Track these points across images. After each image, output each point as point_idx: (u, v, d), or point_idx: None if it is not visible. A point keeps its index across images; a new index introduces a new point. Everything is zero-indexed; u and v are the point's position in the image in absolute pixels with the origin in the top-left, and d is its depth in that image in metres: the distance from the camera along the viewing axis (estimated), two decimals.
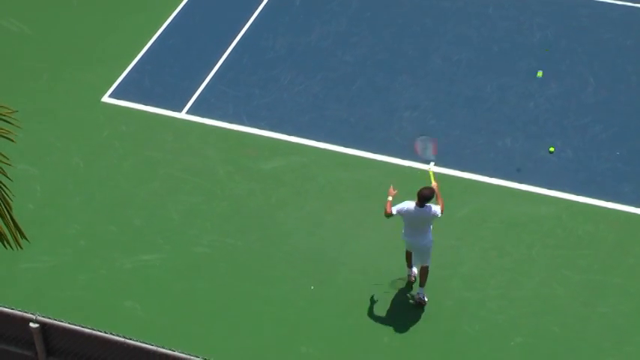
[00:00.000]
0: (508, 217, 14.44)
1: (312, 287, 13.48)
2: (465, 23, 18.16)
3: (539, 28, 17.99)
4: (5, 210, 9.87)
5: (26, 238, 10.04)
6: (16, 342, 9.91)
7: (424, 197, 12.24)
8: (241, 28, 18.15)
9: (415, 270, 13.30)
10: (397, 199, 12.57)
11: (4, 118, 9.94)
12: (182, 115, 16.35)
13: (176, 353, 9.24)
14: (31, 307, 10.91)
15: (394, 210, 12.45)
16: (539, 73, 15.01)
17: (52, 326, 9.57)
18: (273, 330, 12.95)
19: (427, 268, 12.94)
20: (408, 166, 15.26)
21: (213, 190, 14.94)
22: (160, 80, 17.07)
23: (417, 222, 12.48)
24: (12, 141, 10.12)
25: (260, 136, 15.90)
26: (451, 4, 18.62)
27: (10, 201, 9.97)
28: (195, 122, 16.19)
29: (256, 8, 18.60)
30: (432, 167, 12.93)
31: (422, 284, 13.09)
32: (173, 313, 13.17)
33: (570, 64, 17.16)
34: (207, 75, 17.09)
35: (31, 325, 9.54)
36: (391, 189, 12.59)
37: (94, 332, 9.41)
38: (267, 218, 14.46)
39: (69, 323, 9.54)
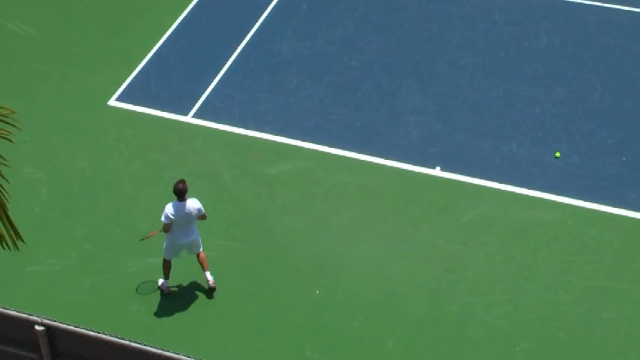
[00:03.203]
0: (513, 222, 14.43)
1: (317, 291, 13.48)
2: (472, 28, 18.16)
3: (545, 33, 17.99)
4: (2, 211, 9.85)
5: (22, 240, 10.03)
6: (21, 344, 9.91)
7: (180, 191, 12.58)
8: (248, 32, 18.17)
9: (166, 282, 13.36)
10: (401, 204, 12.55)
11: (3, 119, 9.90)
12: (188, 118, 16.37)
13: (181, 357, 9.24)
14: (37, 309, 10.93)
15: (165, 220, 12.64)
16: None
17: (57, 329, 9.57)
18: (278, 334, 12.95)
19: (202, 252, 13.22)
20: (414, 171, 15.27)
21: (218, 194, 14.95)
22: (166, 84, 17.11)
23: (186, 219, 12.68)
24: (11, 141, 10.09)
25: (266, 140, 15.92)
26: (457, 9, 18.62)
27: (6, 202, 9.95)
28: (201, 126, 16.21)
29: (263, 12, 18.63)
30: None
31: (206, 268, 13.30)
32: (178, 317, 13.18)
33: (576, 70, 17.15)
34: (214, 79, 17.12)
35: (37, 327, 9.54)
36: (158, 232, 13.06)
37: (99, 335, 9.41)
38: (273, 222, 14.47)
39: (74, 326, 9.54)
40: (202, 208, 12.83)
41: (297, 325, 13.07)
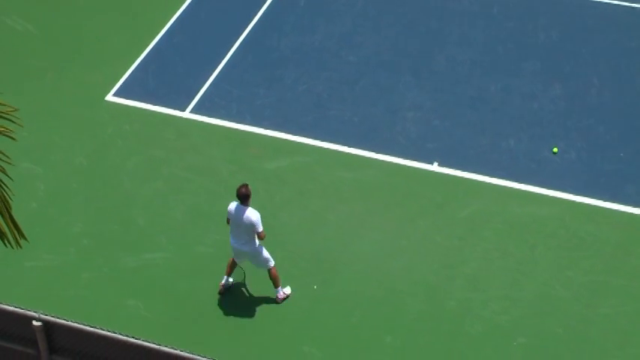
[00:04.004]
0: (511, 217, 14.43)
1: (315, 287, 13.49)
2: (470, 24, 18.15)
3: (543, 29, 17.98)
4: (5, 209, 9.84)
5: (25, 238, 10.03)
6: (19, 340, 9.92)
7: (241, 195, 12.44)
8: (246, 27, 18.16)
9: (226, 279, 13.29)
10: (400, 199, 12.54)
11: (5, 116, 9.90)
12: (186, 114, 16.37)
13: (179, 352, 9.25)
14: (35, 305, 10.92)
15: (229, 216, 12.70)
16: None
17: (55, 324, 9.58)
18: (275, 329, 12.95)
19: (271, 269, 13.01)
20: (411, 167, 15.27)
21: (216, 190, 14.95)
22: (164, 79, 17.09)
23: (238, 224, 12.52)
24: (13, 139, 10.08)
25: (264, 135, 15.91)
26: (456, 4, 18.61)
27: (9, 200, 9.95)
28: (198, 121, 16.21)
29: (261, 8, 18.62)
30: None
31: (276, 286, 13.16)
32: (176, 312, 13.19)
33: (575, 66, 17.15)
34: (211, 74, 17.11)
35: (34, 323, 9.54)
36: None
37: (96, 331, 9.42)
38: (271, 218, 14.45)
39: (72, 321, 9.55)
40: (258, 225, 12.38)
41: (294, 320, 13.07)
